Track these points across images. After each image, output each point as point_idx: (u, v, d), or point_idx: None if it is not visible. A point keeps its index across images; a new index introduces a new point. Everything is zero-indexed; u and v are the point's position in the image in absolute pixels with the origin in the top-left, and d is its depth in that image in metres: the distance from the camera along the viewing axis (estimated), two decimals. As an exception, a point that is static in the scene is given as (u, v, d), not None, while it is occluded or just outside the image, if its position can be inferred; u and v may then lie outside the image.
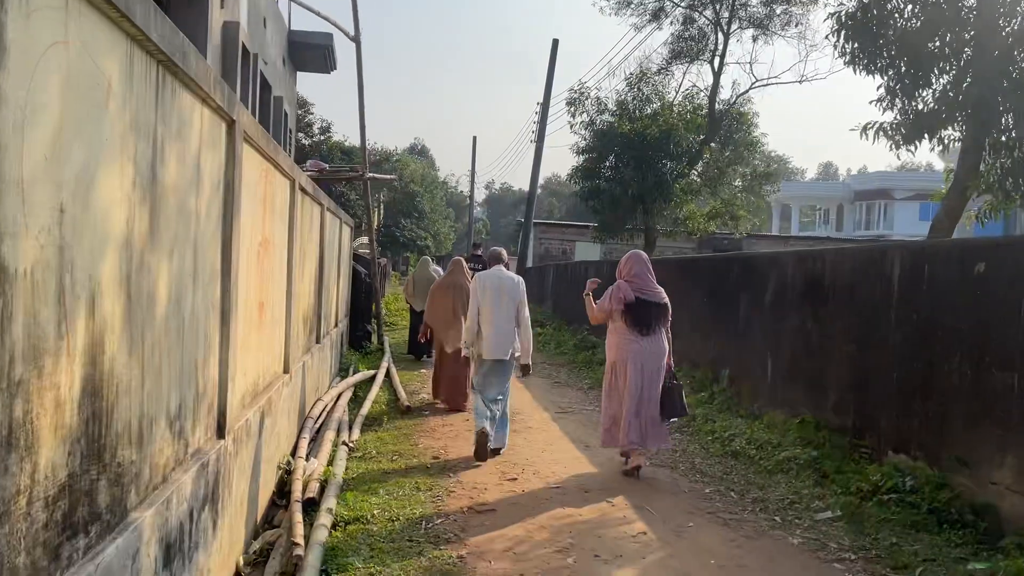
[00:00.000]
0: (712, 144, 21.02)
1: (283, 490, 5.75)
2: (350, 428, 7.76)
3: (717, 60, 20.96)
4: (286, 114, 12.98)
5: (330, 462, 6.34)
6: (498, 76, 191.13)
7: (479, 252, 15.07)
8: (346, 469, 6.14)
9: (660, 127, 19.90)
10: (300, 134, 41.97)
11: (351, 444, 7.03)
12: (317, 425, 7.71)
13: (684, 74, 22.35)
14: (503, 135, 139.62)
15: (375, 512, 4.97)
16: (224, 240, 3.97)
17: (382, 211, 60.94)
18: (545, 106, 29.04)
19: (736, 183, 23.24)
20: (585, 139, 21.47)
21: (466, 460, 6.67)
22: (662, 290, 6.67)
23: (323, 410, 8.26)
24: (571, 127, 21.58)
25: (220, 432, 3.97)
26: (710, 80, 21.53)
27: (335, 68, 15.41)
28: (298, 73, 15.71)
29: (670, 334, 6.69)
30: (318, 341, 9.16)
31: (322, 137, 43.73)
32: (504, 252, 7.93)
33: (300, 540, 4.22)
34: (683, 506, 5.58)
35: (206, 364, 3.70)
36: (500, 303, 7.20)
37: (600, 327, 7.39)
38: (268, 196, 5.38)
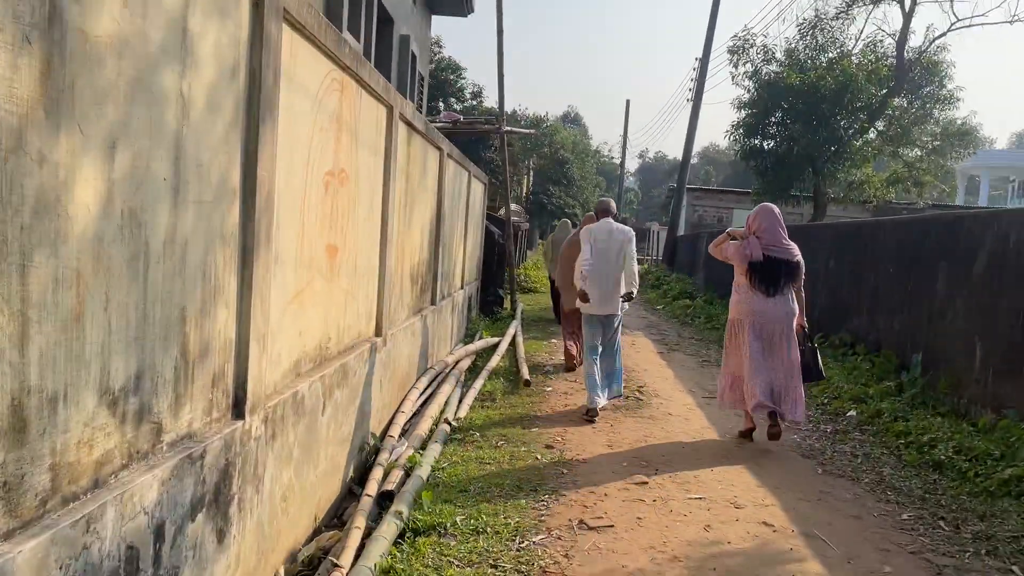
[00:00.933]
0: (897, 98, 18.36)
1: (364, 477, 4.79)
2: (460, 403, 6.74)
3: (908, -1, 18.14)
4: (414, 56, 12.04)
5: (424, 445, 5.32)
6: (657, 38, 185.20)
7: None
8: (440, 455, 5.08)
9: (836, 78, 17.54)
10: (452, 99, 41.68)
11: (455, 423, 6.00)
12: (423, 398, 6.74)
13: (867, 18, 19.63)
14: (658, 101, 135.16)
15: (458, 520, 3.87)
16: (247, 150, 2.93)
17: (531, 178, 60.57)
18: (705, 60, 26.94)
19: (923, 143, 20.39)
20: (749, 91, 19.34)
21: (586, 450, 5.46)
22: (795, 247, 6.16)
23: (432, 380, 7.28)
24: (732, 79, 19.51)
25: (237, 410, 2.98)
26: (898, 24, 18.77)
27: (472, 11, 14.34)
28: (434, 18, 14.79)
29: (803, 294, 6.25)
30: (434, 302, 8.20)
31: (474, 102, 43.23)
32: (613, 203, 7.60)
33: (346, 561, 3.17)
34: (872, 537, 4.14)
35: (207, 316, 2.69)
36: (608, 256, 6.92)
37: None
38: (345, 117, 4.34)
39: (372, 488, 4.34)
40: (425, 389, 7.01)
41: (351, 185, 4.57)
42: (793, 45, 19.07)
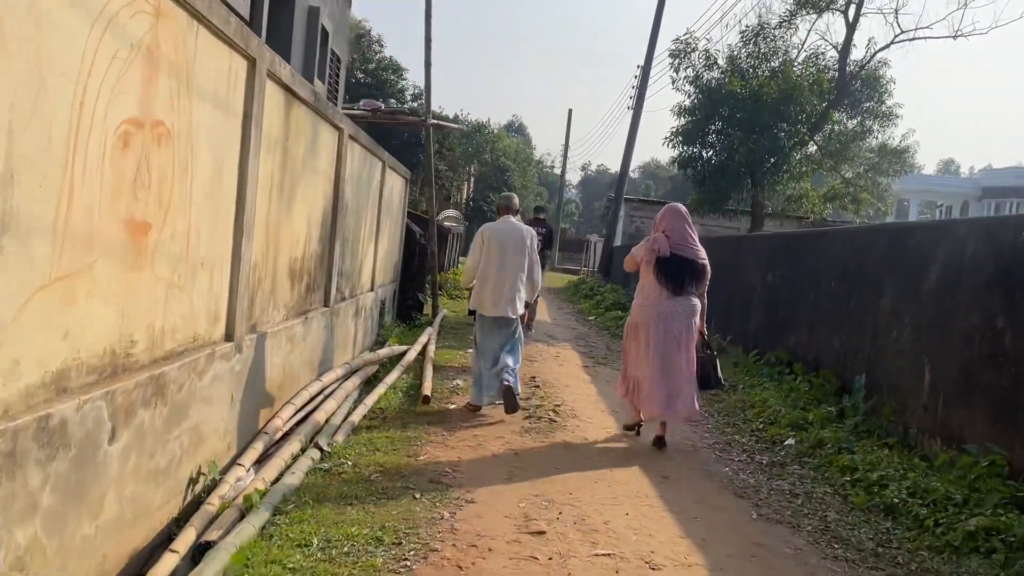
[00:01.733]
0: (837, 112, 18.00)
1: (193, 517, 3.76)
2: (344, 422, 5.74)
3: (852, 8, 17.80)
4: (326, 32, 10.97)
5: (281, 476, 4.31)
6: (603, 47, 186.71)
7: (542, 216, 14.01)
8: (294, 492, 4.08)
9: (779, 86, 17.09)
10: (392, 100, 40.69)
11: (328, 448, 4.99)
12: (300, 415, 5.72)
13: (810, 28, 19.26)
14: (602, 112, 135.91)
15: (283, 588, 2.87)
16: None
17: (472, 184, 59.90)
18: (646, 68, 26.42)
19: (862, 159, 20.14)
20: (689, 96, 18.79)
21: (479, 485, 4.52)
22: (702, 249, 6.14)
23: (318, 394, 6.25)
24: (673, 83, 18.96)
25: None
26: (841, 36, 18.46)
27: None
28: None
29: (706, 299, 6.19)
30: (327, 304, 7.17)
31: (415, 103, 42.35)
32: (515, 199, 7.21)
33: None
34: (818, 607, 3.29)
35: None
36: (505, 256, 6.65)
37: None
38: (167, 54, 3.34)
39: (187, 537, 3.33)
40: (306, 404, 5.98)
41: (177, 146, 3.56)
42: (735, 52, 18.59)
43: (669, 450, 5.90)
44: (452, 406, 6.64)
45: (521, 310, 6.83)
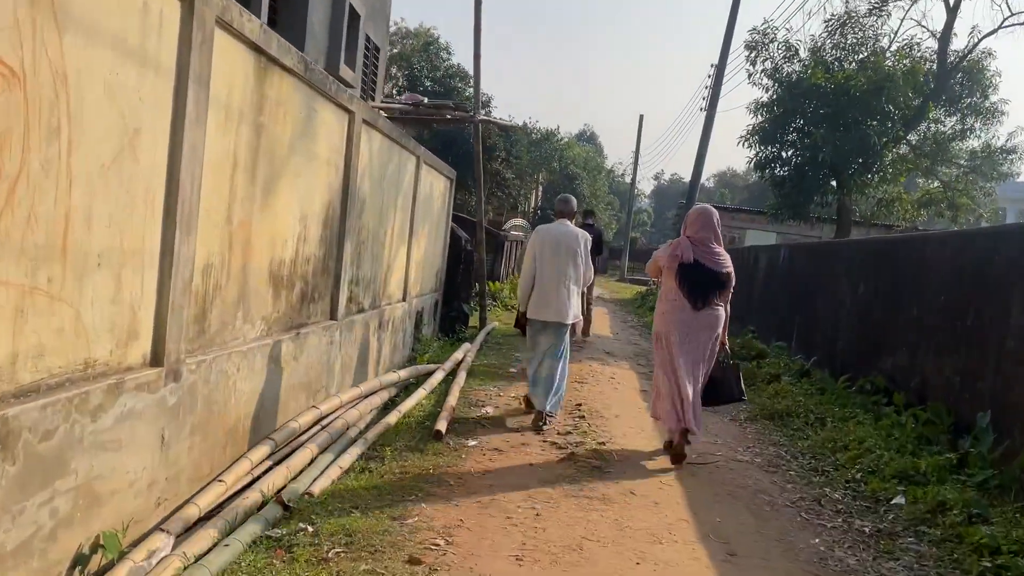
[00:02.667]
0: (936, 107, 16.21)
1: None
2: (330, 465, 4.65)
3: (954, -11, 15.95)
4: (355, 14, 9.99)
5: (214, 548, 3.24)
6: (674, 52, 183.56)
7: (590, 221, 13.11)
8: None
9: (870, 78, 15.43)
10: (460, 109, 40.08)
11: (292, 503, 3.91)
12: (268, 461, 4.65)
13: (905, 15, 17.47)
14: (673, 118, 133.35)
15: None
16: None
17: (540, 192, 59.14)
18: (721, 66, 24.91)
19: (962, 161, 18.25)
20: (768, 91, 17.24)
21: (472, 570, 3.35)
22: (727, 257, 5.88)
23: (302, 431, 5.19)
24: (749, 77, 17.43)
25: None
26: (940, 23, 16.64)
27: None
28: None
29: (729, 309, 5.99)
30: (334, 316, 6.14)
31: (482, 112, 41.47)
32: (573, 201, 7.02)
33: None
34: None
35: None
36: (559, 261, 6.53)
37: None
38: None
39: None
40: (290, 441, 4.93)
41: (33, 96, 2.53)
42: (819, 43, 16.98)
43: (739, 510, 4.63)
44: (472, 443, 5.48)
45: (575, 317, 6.67)
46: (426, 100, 11.34)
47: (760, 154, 17.30)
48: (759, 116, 17.41)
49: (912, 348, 7.61)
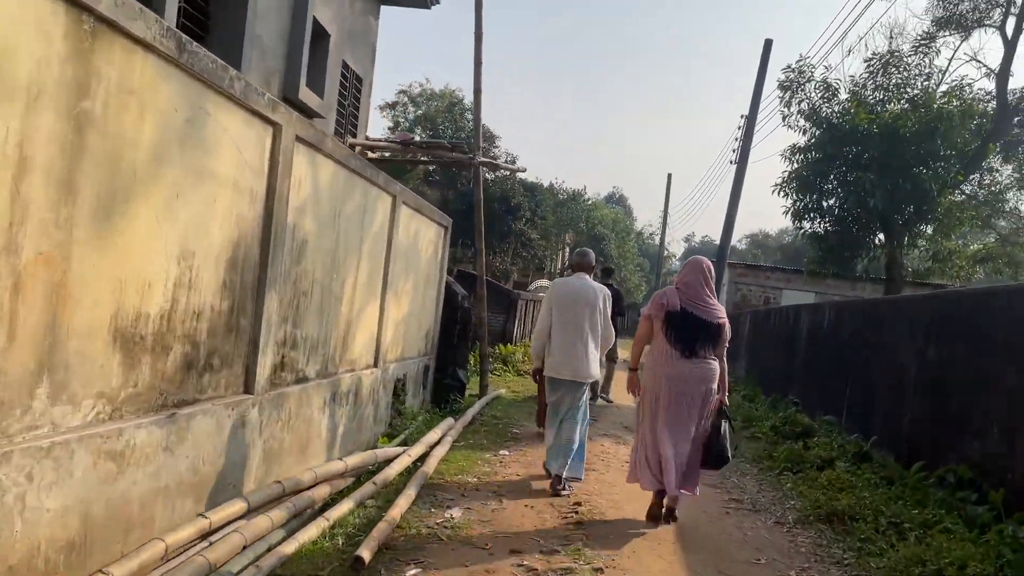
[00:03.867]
0: (995, 146, 14.61)
1: None
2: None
3: (1012, 21, 14.51)
4: (322, 30, 8.76)
5: None
6: (700, 113, 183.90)
7: (610, 280, 12.38)
8: None
9: (922, 118, 13.94)
10: (446, 143, 39.62)
11: None
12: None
13: (953, 54, 16.02)
14: (702, 176, 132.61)
15: None
16: None
17: (566, 253, 58.23)
18: (751, 117, 23.65)
19: (1022, 212, 16.59)
20: (804, 132, 15.76)
21: None
22: (720, 307, 5.60)
23: (154, 564, 3.69)
24: (784, 119, 16.02)
25: None
26: (997, 57, 15.13)
27: (437, 1, 11.19)
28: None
29: (725, 363, 5.62)
30: (248, 389, 4.69)
31: (506, 172, 41.12)
32: (591, 254, 6.92)
33: None
34: None
35: None
36: (576, 315, 6.37)
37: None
38: None
39: None
40: None
41: None
42: (859, 83, 15.56)
43: None
44: (410, 573, 3.91)
45: (594, 375, 6.50)
46: (417, 138, 10.04)
47: (798, 203, 15.75)
48: (795, 162, 15.95)
49: (1007, 430, 5.97)
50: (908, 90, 15.58)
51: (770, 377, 14.69)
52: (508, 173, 40.01)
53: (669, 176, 56.91)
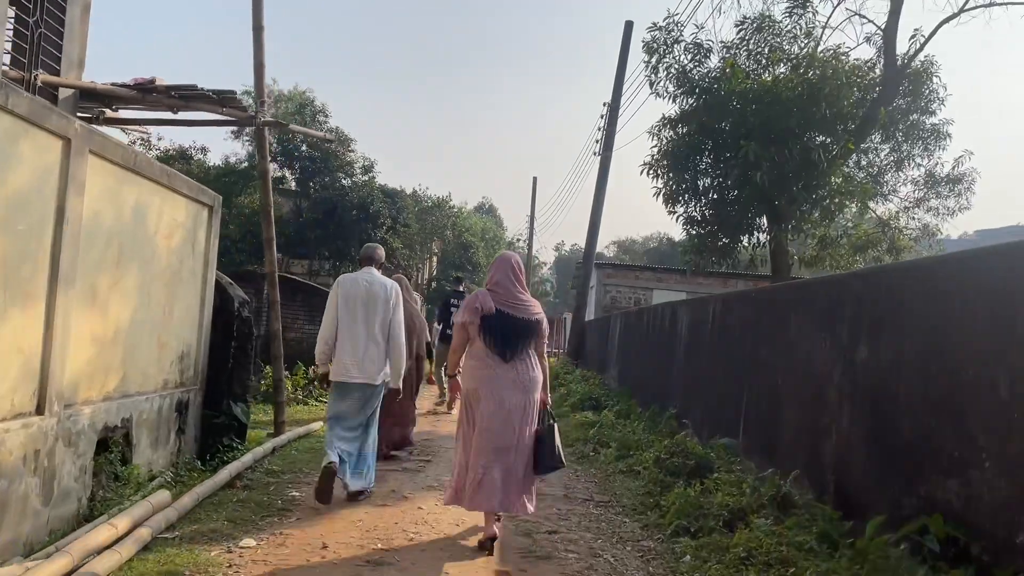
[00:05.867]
0: (886, 110, 13.06)
1: None
2: None
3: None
4: None
5: None
6: (570, 104, 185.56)
7: (461, 288, 12.11)
8: None
9: (804, 80, 12.21)
10: (339, 172, 36.70)
11: None
12: None
13: (835, 7, 14.47)
14: (570, 180, 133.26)
15: None
16: None
17: (434, 263, 55.96)
18: (615, 104, 21.93)
19: (902, 191, 15.35)
20: (674, 99, 13.77)
21: None
22: (535, 303, 5.47)
23: None
24: (651, 86, 14.02)
25: None
26: (882, 12, 13.61)
27: None
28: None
29: (545, 361, 5.48)
30: None
31: (365, 177, 38.60)
32: (380, 250, 6.61)
33: None
34: None
35: None
36: (366, 313, 6.18)
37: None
38: None
39: None
40: None
41: None
42: (732, 53, 13.76)
43: None
44: None
45: (386, 378, 6.27)
46: (161, 80, 7.21)
47: (670, 184, 13.76)
48: (664, 139, 13.97)
49: (1006, 464, 3.86)
50: (786, 52, 13.88)
51: (646, 387, 12.61)
52: (359, 174, 37.22)
53: (534, 179, 55.79)
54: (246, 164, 36.04)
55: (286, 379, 12.91)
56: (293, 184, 37.43)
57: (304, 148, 36.33)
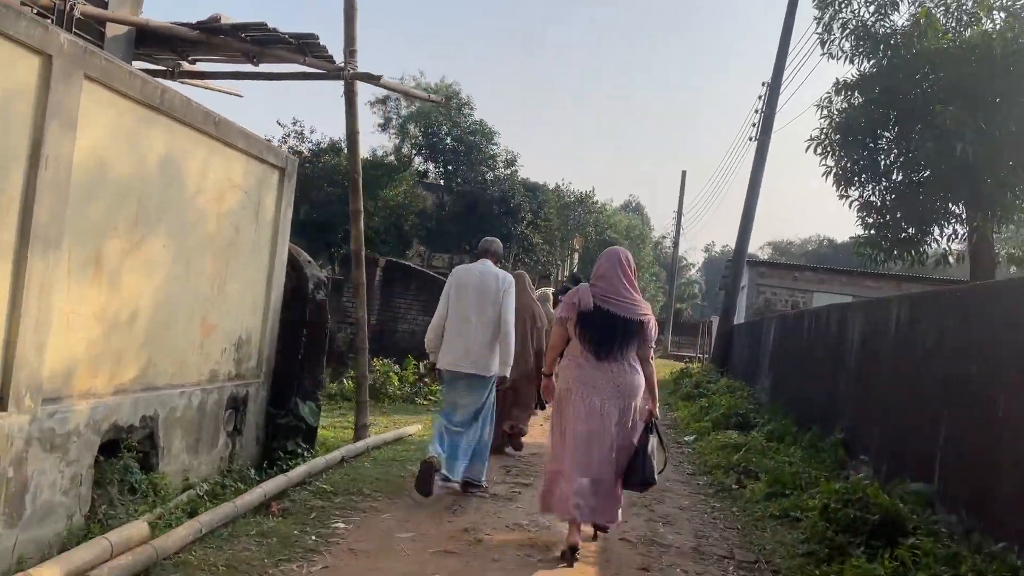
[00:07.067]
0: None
1: None
2: None
3: None
4: None
5: None
6: (718, 106, 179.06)
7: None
8: None
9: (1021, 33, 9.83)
10: (482, 167, 36.30)
11: None
12: None
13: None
14: (720, 183, 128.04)
15: None
16: None
17: (575, 260, 54.71)
18: (776, 81, 19.75)
19: None
20: (852, 60, 11.59)
21: None
22: (642, 303, 5.05)
23: None
24: (823, 46, 11.92)
25: None
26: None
27: None
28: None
29: (651, 366, 5.06)
30: None
31: (507, 171, 38.00)
32: (497, 243, 6.48)
33: None
34: None
35: None
36: (478, 303, 6.03)
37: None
38: None
39: None
40: None
41: None
42: (926, 2, 11.43)
43: None
44: None
45: (495, 370, 6.06)
46: (229, 17, 6.16)
47: (843, 161, 11.62)
48: (836, 109, 11.81)
49: None
50: (984, 19, 11.45)
51: (805, 404, 10.67)
52: (501, 168, 36.38)
53: (683, 172, 52.80)
54: (392, 157, 36.09)
55: (394, 375, 11.95)
56: (437, 179, 37.20)
57: (448, 141, 35.92)
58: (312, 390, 6.70)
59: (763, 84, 21.25)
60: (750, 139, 22.21)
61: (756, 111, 22.05)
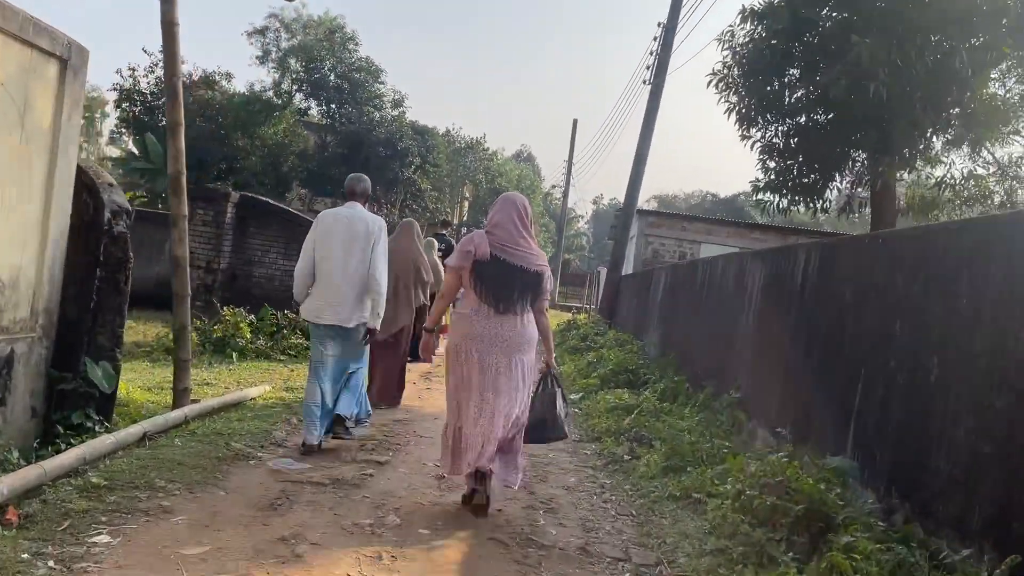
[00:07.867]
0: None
1: None
2: None
3: None
4: None
5: None
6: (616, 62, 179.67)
7: (443, 231, 11.67)
8: None
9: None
10: (368, 106, 34.45)
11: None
12: None
13: None
14: (614, 132, 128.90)
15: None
16: None
17: (465, 208, 53.76)
18: (672, 20, 18.90)
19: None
20: None
21: None
22: (539, 252, 4.94)
23: None
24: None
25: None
26: None
27: None
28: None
29: (545, 318, 4.96)
30: None
31: (395, 112, 36.14)
32: (366, 182, 6.10)
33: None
34: None
35: None
36: (344, 250, 5.70)
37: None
38: None
39: None
40: None
41: None
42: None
43: None
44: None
45: (365, 320, 5.75)
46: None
47: (747, 99, 10.81)
48: (739, 40, 10.95)
49: None
50: None
51: (697, 360, 9.94)
52: (388, 108, 34.58)
53: (575, 121, 52.16)
54: (271, 92, 33.69)
55: (246, 325, 10.53)
56: (320, 118, 35.16)
57: (332, 77, 33.79)
58: (110, 347, 5.30)
59: (658, 25, 20.45)
60: (644, 82, 21.44)
61: (651, 52, 21.27)
